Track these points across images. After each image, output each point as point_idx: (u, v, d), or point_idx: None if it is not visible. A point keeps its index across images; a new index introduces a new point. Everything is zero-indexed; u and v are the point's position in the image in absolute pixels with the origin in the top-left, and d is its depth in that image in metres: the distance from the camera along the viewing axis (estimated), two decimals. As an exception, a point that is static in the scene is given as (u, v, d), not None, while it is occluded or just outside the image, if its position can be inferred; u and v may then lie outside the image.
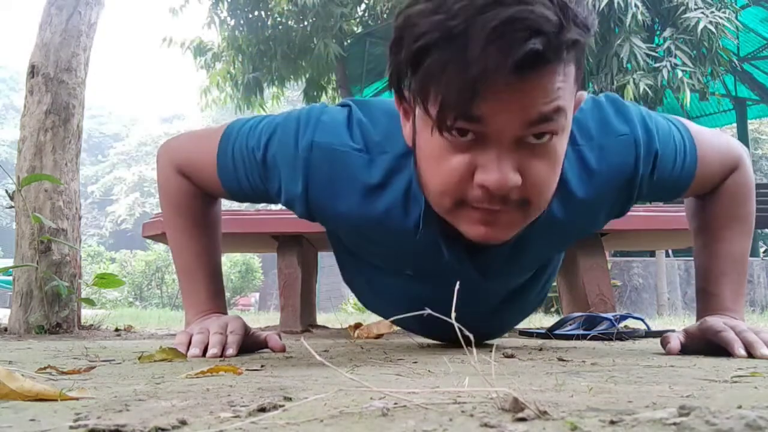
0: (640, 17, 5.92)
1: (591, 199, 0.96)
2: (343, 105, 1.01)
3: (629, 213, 1.97)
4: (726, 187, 1.10)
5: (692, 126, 1.05)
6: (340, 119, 0.97)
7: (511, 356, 1.00)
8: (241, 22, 8.17)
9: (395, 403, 0.47)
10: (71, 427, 0.40)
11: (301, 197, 0.98)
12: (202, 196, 1.14)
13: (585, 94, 0.89)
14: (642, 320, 1.65)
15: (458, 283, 0.56)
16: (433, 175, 0.82)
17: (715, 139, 1.08)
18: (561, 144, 0.80)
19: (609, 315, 1.62)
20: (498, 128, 0.74)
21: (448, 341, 1.37)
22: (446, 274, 0.98)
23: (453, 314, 0.45)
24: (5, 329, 1.93)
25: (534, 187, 0.80)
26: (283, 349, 1.10)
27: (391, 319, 0.93)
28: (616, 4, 5.90)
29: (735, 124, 9.30)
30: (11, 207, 1.99)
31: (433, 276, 1.07)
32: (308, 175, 0.95)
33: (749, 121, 9.87)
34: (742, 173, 1.10)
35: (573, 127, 0.88)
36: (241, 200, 1.11)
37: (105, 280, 2.00)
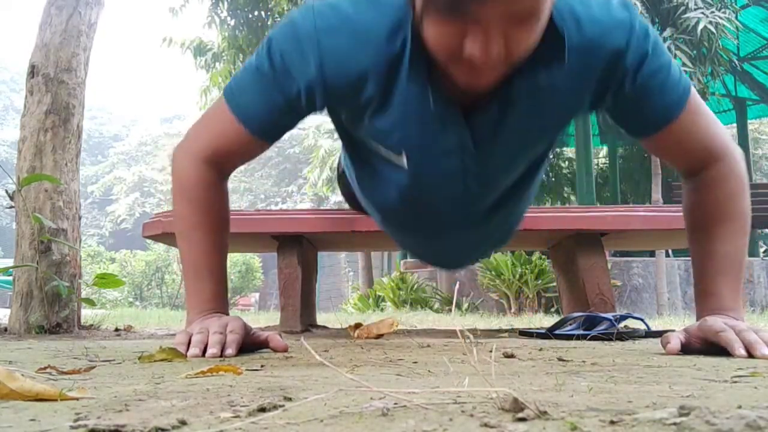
0: (639, 17, 5.92)
1: (578, 66, 0.97)
2: None
3: (629, 213, 1.96)
4: (717, 179, 1.10)
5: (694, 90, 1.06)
6: (333, 1, 0.99)
7: (511, 356, 1.00)
8: (241, 22, 8.16)
9: (395, 403, 0.47)
10: (71, 427, 0.40)
11: (318, 79, 0.98)
12: (219, 188, 1.16)
13: None
14: (642, 320, 1.65)
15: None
16: (427, 36, 0.89)
17: (713, 115, 1.10)
18: (548, 6, 0.85)
19: (609, 315, 1.62)
20: (489, 14, 0.81)
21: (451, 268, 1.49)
22: (442, 153, 1.04)
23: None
24: (5, 329, 1.93)
25: (519, 50, 0.86)
26: (286, 349, 1.10)
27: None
28: (616, 4, 5.90)
29: (735, 124, 9.30)
30: (11, 207, 1.99)
31: (430, 165, 1.08)
32: (321, 53, 0.97)
33: (749, 121, 9.87)
34: (732, 165, 1.10)
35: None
36: (275, 135, 1.11)
37: (105, 280, 2.01)
